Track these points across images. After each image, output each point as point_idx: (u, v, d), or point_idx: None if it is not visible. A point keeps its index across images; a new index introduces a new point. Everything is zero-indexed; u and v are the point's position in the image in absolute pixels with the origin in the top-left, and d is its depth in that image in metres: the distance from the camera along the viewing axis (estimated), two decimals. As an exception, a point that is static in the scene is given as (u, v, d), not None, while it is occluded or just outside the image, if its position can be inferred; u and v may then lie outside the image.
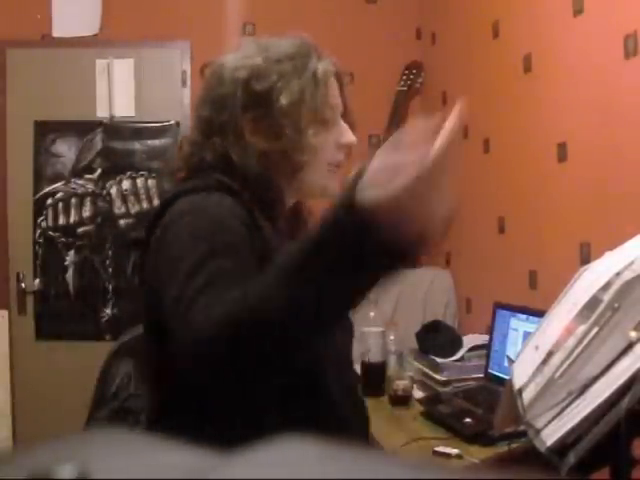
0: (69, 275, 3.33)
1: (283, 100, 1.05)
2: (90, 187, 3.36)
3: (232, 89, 1.07)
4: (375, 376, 2.36)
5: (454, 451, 1.70)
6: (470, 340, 2.37)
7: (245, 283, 0.83)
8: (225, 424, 0.96)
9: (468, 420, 1.82)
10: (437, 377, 2.22)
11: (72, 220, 3.34)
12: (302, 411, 1.00)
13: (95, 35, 3.36)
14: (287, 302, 0.78)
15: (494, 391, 1.98)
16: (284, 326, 0.79)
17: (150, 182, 3.37)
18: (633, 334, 0.92)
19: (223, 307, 0.81)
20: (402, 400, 2.18)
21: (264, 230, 1.01)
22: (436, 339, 2.37)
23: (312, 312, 0.80)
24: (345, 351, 1.18)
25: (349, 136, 1.13)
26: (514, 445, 1.41)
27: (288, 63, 1.07)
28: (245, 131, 1.07)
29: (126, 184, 3.37)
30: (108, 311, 3.33)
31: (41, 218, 3.32)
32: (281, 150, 1.07)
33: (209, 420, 0.96)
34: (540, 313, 1.40)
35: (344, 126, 1.13)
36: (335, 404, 1.07)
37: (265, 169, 1.07)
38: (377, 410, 2.13)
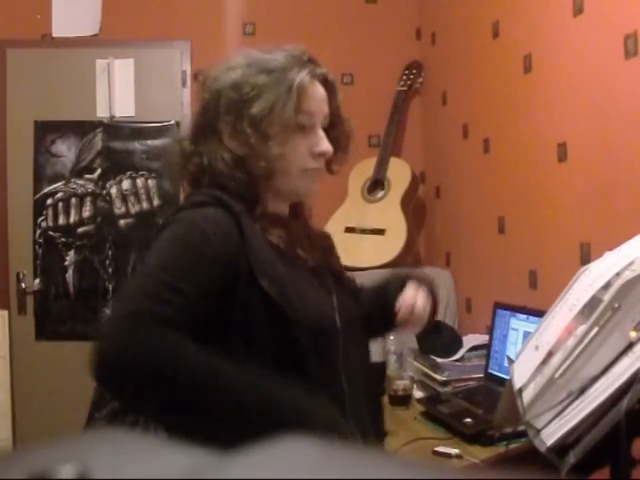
0: (69, 275, 3.33)
1: (253, 110, 1.12)
2: (90, 187, 3.36)
3: (213, 97, 1.16)
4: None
5: (454, 451, 1.70)
6: (470, 340, 2.37)
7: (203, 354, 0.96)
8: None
9: (468, 420, 1.82)
10: (437, 377, 2.22)
11: (72, 220, 3.34)
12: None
13: (95, 35, 3.36)
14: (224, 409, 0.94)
15: (494, 391, 1.98)
16: (201, 411, 0.96)
17: (150, 182, 3.37)
18: (633, 334, 0.92)
19: (169, 359, 0.94)
20: (402, 400, 2.18)
21: (251, 239, 1.08)
22: (436, 339, 2.37)
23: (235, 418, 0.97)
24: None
25: (323, 145, 1.18)
26: (514, 445, 1.41)
27: (265, 76, 1.14)
28: (224, 134, 1.15)
29: (126, 184, 3.37)
30: (108, 311, 3.33)
31: (41, 218, 3.32)
32: (250, 155, 1.14)
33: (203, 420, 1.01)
34: (540, 313, 1.40)
35: (320, 135, 1.18)
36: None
37: (241, 172, 1.14)
38: (377, 410, 2.13)
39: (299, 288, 1.12)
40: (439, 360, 2.25)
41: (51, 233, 3.32)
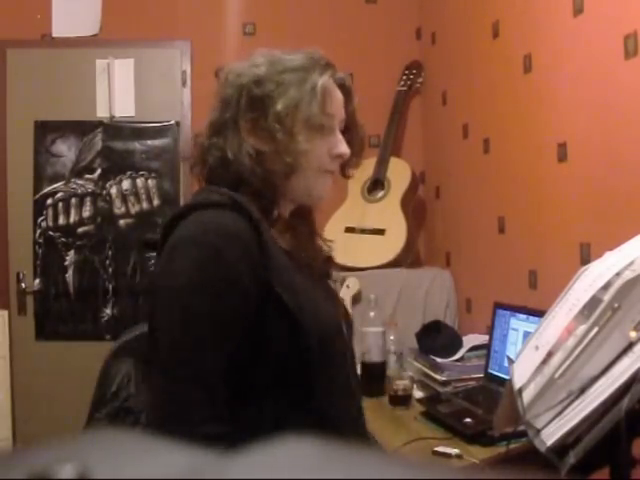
0: (69, 275, 3.33)
1: (278, 106, 1.12)
2: (90, 187, 3.36)
3: (235, 92, 1.15)
4: (375, 376, 2.36)
5: (454, 451, 1.70)
6: (470, 340, 2.37)
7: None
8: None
9: (468, 420, 1.82)
10: (437, 377, 2.22)
11: (72, 220, 3.34)
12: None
13: (95, 35, 3.36)
14: None
15: (494, 391, 1.98)
16: None
17: (150, 182, 3.37)
18: (633, 334, 0.92)
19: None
20: (402, 400, 2.18)
21: (269, 248, 1.06)
22: (436, 339, 2.37)
23: None
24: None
25: (342, 147, 1.19)
26: (514, 445, 1.41)
27: (289, 74, 1.14)
28: (242, 130, 1.14)
29: (126, 184, 3.37)
30: (108, 311, 3.33)
31: (41, 218, 3.32)
32: (274, 151, 1.13)
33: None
34: (540, 313, 1.40)
35: (339, 137, 1.19)
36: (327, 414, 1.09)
37: (260, 168, 1.14)
38: (377, 410, 2.13)
39: (310, 297, 1.11)
40: (439, 360, 2.25)
41: (51, 233, 3.32)
